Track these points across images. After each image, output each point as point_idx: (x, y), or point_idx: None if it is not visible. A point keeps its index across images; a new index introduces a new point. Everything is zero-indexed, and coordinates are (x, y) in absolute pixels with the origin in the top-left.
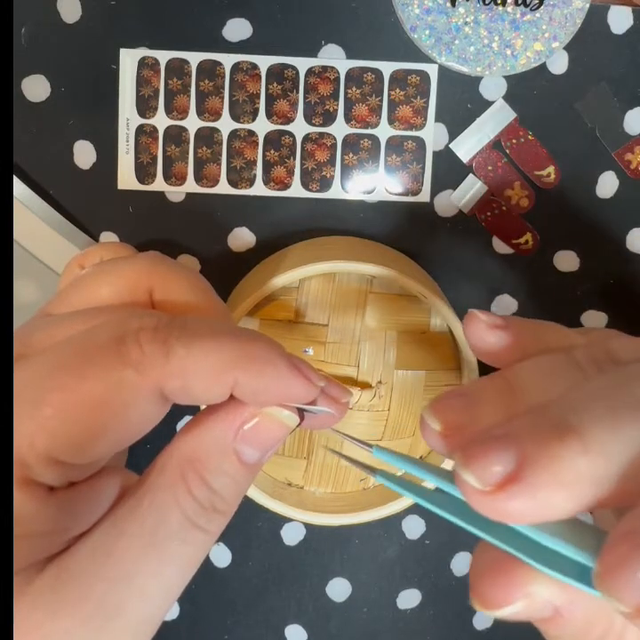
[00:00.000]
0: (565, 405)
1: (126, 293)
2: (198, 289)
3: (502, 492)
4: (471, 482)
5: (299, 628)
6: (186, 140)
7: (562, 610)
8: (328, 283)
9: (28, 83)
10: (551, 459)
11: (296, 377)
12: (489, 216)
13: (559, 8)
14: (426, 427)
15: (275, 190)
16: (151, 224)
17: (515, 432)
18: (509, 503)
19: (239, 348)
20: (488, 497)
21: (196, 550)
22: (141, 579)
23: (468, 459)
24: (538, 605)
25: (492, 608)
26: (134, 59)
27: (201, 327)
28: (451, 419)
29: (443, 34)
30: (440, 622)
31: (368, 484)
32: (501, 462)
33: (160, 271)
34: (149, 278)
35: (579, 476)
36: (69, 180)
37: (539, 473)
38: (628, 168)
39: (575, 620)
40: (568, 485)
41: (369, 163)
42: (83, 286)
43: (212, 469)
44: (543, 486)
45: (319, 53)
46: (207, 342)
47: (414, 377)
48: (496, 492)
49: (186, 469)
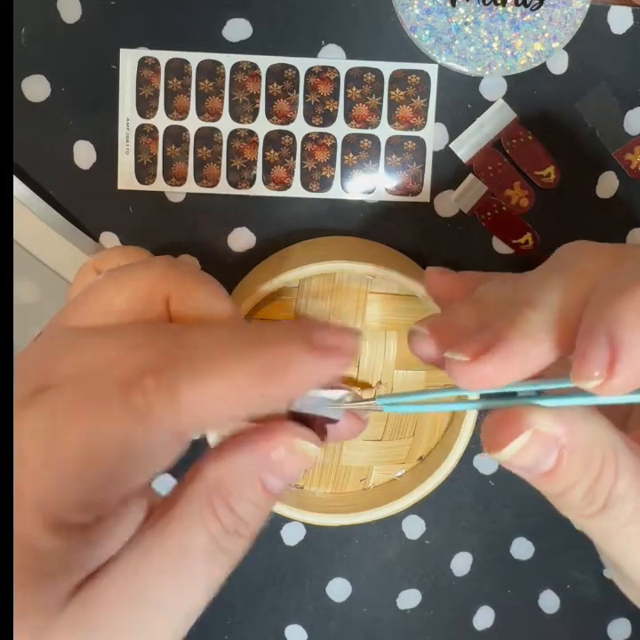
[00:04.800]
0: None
1: (142, 302)
2: (213, 296)
3: (480, 359)
4: (457, 357)
5: (299, 628)
6: (186, 140)
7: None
8: (328, 283)
9: (28, 83)
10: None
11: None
12: (489, 216)
13: (559, 8)
14: (414, 336)
15: (275, 190)
16: (151, 224)
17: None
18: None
19: (251, 372)
20: (471, 365)
21: (219, 572)
22: (168, 602)
23: (455, 349)
24: (544, 442)
25: (501, 446)
26: (134, 59)
27: (207, 355)
28: (434, 323)
29: (443, 34)
30: (440, 622)
31: (368, 484)
32: (477, 340)
33: (176, 278)
34: (165, 285)
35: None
36: (69, 180)
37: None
38: (628, 168)
39: (576, 454)
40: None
41: (369, 163)
42: (97, 295)
43: (238, 497)
44: (514, 339)
45: (319, 53)
46: (216, 380)
47: (414, 377)
48: (476, 359)
49: (214, 496)
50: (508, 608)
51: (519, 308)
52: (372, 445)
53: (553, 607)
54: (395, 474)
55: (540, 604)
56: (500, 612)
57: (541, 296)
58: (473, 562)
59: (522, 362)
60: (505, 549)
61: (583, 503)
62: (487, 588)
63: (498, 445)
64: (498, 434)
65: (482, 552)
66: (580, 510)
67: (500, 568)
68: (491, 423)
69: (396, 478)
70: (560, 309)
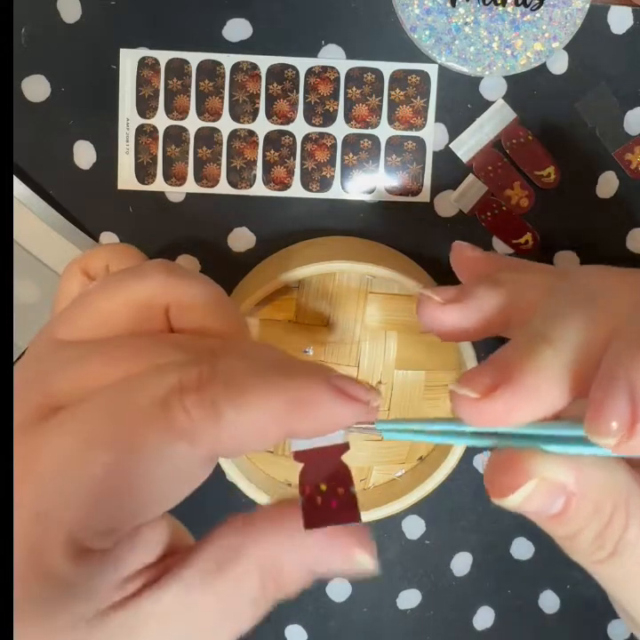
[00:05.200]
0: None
1: (140, 312)
2: (214, 302)
3: (489, 397)
4: (465, 392)
5: (299, 628)
6: (186, 140)
7: (573, 490)
8: (328, 283)
9: (28, 83)
10: (528, 359)
11: (345, 405)
12: (489, 216)
13: (559, 8)
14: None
15: (275, 190)
16: (151, 224)
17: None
18: (497, 404)
19: (288, 395)
20: (479, 403)
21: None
22: None
23: (462, 381)
24: (551, 490)
25: (507, 493)
26: (134, 59)
27: (244, 375)
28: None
29: (443, 34)
30: (440, 622)
31: (368, 484)
32: (488, 375)
33: (174, 285)
34: (163, 294)
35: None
36: (69, 180)
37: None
38: (628, 168)
39: (585, 500)
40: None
41: (369, 163)
42: (91, 306)
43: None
44: (524, 381)
45: (319, 53)
46: (255, 398)
47: (414, 377)
48: (485, 397)
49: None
50: (507, 608)
51: (536, 343)
52: (372, 445)
53: (553, 607)
54: (395, 474)
55: (540, 604)
56: (499, 612)
57: (561, 332)
58: (473, 562)
59: (535, 404)
60: (505, 549)
61: (591, 548)
62: (487, 588)
63: (502, 493)
64: (502, 481)
65: (482, 552)
66: (588, 555)
67: (500, 568)
68: (494, 467)
69: (396, 478)
70: (580, 350)
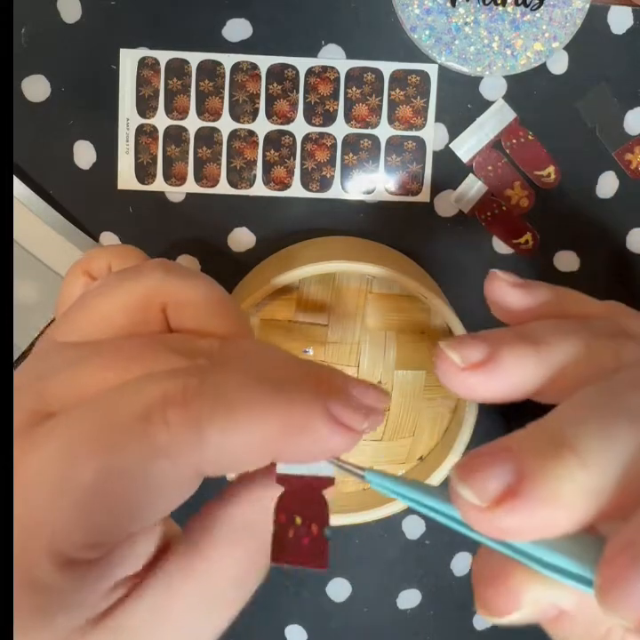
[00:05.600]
0: (561, 417)
1: (138, 312)
2: (213, 301)
3: (500, 508)
4: (468, 497)
5: (299, 628)
6: (186, 140)
7: (568, 610)
8: (328, 283)
9: (28, 83)
10: (549, 474)
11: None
12: (489, 216)
13: (559, 8)
14: (443, 358)
15: (275, 190)
16: (151, 224)
17: (512, 446)
18: (507, 520)
19: (280, 419)
20: (486, 513)
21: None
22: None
23: (465, 473)
24: (544, 608)
25: (498, 616)
26: (134, 59)
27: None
28: (472, 354)
29: (443, 34)
30: (440, 622)
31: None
32: (499, 477)
33: (172, 284)
34: (161, 292)
35: (576, 490)
36: (69, 180)
37: (537, 488)
38: (628, 168)
39: (581, 619)
40: (566, 500)
41: (369, 163)
42: (90, 307)
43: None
44: (542, 502)
45: (319, 53)
46: (244, 420)
47: (414, 377)
48: (494, 507)
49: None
50: None
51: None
52: (372, 445)
53: None
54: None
55: None
56: None
57: (595, 449)
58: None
59: (546, 527)
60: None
61: None
62: None
63: (491, 613)
64: (493, 601)
65: None
66: None
67: None
68: (484, 579)
69: None
70: (619, 485)
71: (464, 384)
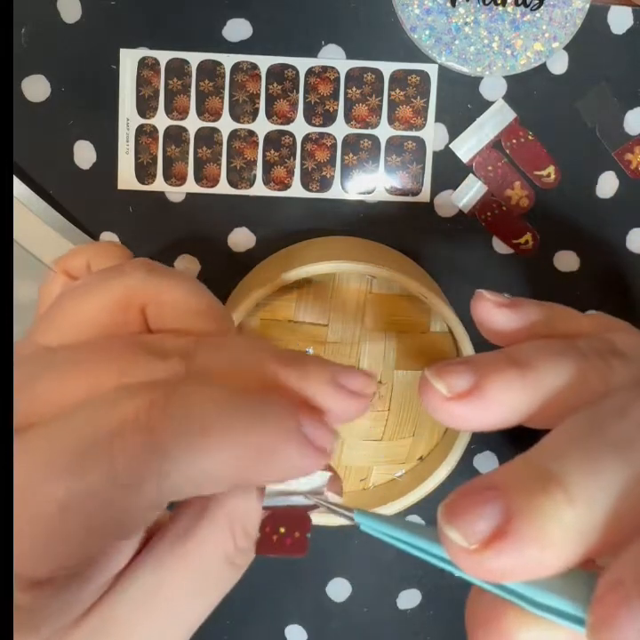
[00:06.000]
0: (547, 450)
1: (118, 313)
2: (194, 301)
3: (488, 551)
4: (456, 539)
5: (299, 628)
6: (186, 140)
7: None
8: (328, 283)
9: (28, 83)
10: (537, 512)
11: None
12: (489, 216)
13: (559, 8)
14: (428, 387)
15: (275, 190)
16: (151, 224)
17: (498, 483)
18: (496, 562)
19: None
20: (474, 555)
21: (229, 585)
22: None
23: (451, 514)
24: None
25: None
26: (134, 59)
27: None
28: (457, 383)
29: (443, 34)
30: (440, 622)
31: (368, 484)
32: (486, 517)
33: (153, 284)
34: (142, 293)
35: (564, 529)
36: (69, 180)
37: (525, 529)
38: (628, 168)
39: None
40: (555, 540)
41: (369, 163)
42: (69, 307)
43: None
44: (530, 543)
45: (319, 53)
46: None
47: (414, 377)
48: (482, 549)
49: (235, 525)
50: None
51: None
52: (372, 445)
53: None
54: (395, 474)
55: None
56: None
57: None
58: None
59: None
60: None
61: None
62: None
63: None
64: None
65: None
66: None
67: None
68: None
69: (396, 478)
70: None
71: (450, 414)
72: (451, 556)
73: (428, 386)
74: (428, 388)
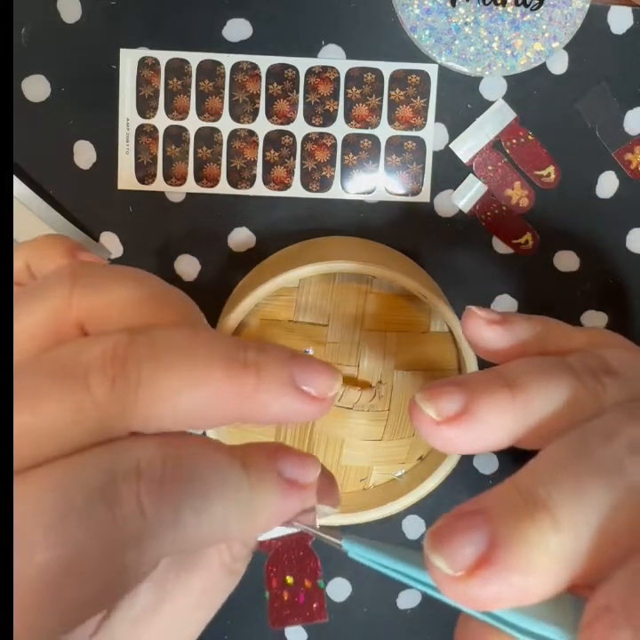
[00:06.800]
0: (534, 474)
1: (48, 337)
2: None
3: (473, 578)
4: (441, 567)
5: (299, 628)
6: (186, 140)
7: None
8: (328, 283)
9: (28, 83)
10: (522, 540)
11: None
12: (489, 216)
13: (559, 8)
14: (418, 412)
15: (275, 190)
16: (151, 224)
17: (484, 508)
18: (481, 590)
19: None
20: (460, 583)
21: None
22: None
23: (437, 541)
24: None
25: None
26: (134, 59)
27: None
28: (446, 406)
29: (443, 34)
30: (440, 622)
31: (368, 484)
32: (471, 544)
33: (83, 295)
34: (72, 309)
35: (551, 556)
36: (69, 180)
37: (510, 556)
38: (628, 168)
39: None
40: (540, 568)
41: (369, 163)
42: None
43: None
44: (516, 571)
45: (319, 53)
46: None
47: (414, 377)
48: (467, 577)
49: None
50: None
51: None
52: (372, 445)
53: None
54: (395, 474)
55: None
56: None
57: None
58: None
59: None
60: None
61: None
62: None
63: None
64: None
65: None
66: None
67: None
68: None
69: (396, 478)
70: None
71: (441, 438)
72: (436, 584)
73: (417, 410)
74: (418, 413)
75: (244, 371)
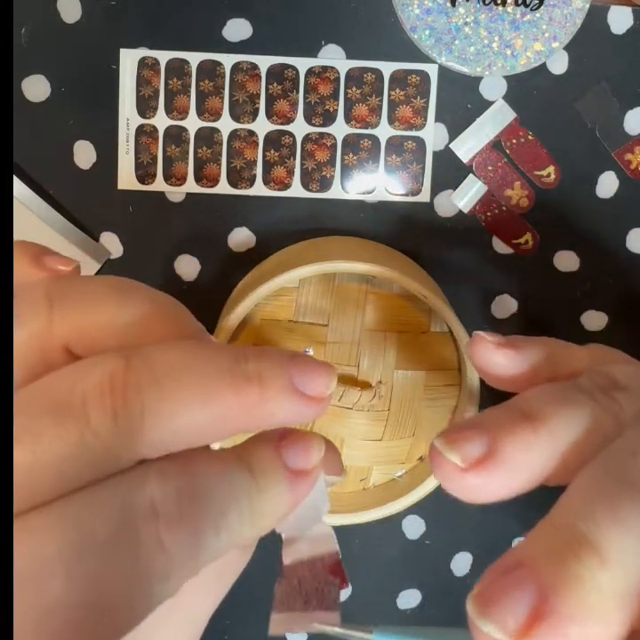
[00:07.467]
0: (570, 510)
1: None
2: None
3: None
4: (493, 633)
5: None
6: (186, 140)
7: None
8: (328, 283)
9: (28, 83)
10: (572, 582)
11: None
12: (489, 216)
13: (559, 8)
14: (441, 460)
15: (275, 190)
16: (151, 224)
17: (526, 559)
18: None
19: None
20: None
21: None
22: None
23: (483, 605)
24: None
25: None
26: (134, 59)
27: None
28: (471, 450)
29: (443, 34)
30: (440, 622)
31: (368, 484)
32: (521, 603)
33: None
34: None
35: (605, 596)
36: (69, 180)
37: (564, 606)
38: (628, 168)
39: None
40: (598, 612)
41: (369, 163)
42: None
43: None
44: (572, 621)
45: (319, 53)
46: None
47: (414, 377)
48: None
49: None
50: None
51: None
52: (372, 445)
53: None
54: (395, 474)
55: None
56: None
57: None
58: (473, 562)
59: None
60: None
61: None
62: None
63: None
64: None
65: (482, 552)
66: None
67: None
68: None
69: (396, 478)
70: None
71: (467, 486)
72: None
73: (440, 458)
74: (441, 460)
75: (248, 383)
